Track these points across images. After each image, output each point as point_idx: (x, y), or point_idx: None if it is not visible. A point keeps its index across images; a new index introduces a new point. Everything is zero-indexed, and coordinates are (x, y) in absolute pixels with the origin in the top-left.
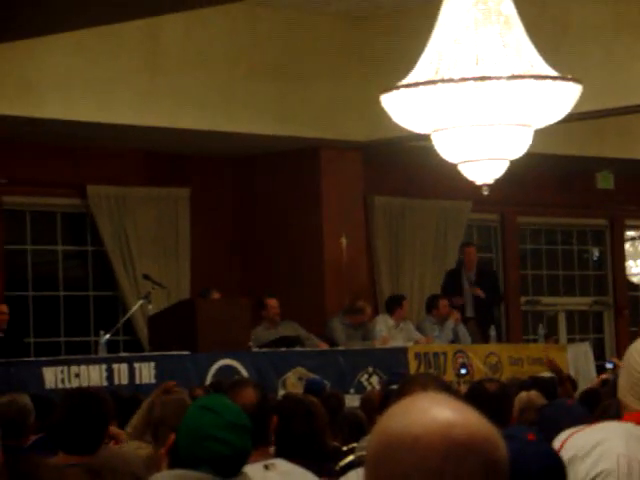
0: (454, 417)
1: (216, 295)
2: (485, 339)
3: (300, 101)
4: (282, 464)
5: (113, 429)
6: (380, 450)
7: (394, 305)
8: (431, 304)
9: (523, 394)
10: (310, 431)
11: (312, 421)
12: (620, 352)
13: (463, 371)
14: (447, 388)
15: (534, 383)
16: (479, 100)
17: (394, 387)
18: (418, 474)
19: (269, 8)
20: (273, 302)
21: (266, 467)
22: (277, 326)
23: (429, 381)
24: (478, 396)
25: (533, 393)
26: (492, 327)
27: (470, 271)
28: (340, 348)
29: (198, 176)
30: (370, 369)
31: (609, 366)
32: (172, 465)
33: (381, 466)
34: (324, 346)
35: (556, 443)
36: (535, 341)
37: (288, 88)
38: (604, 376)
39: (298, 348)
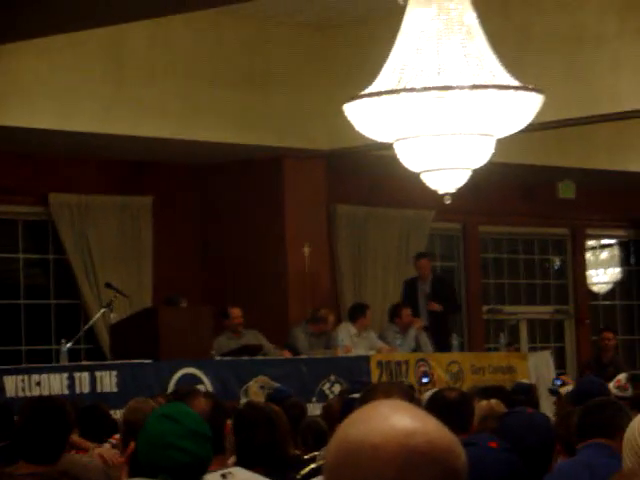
0: (413, 425)
1: (184, 303)
2: (440, 349)
3: (263, 110)
4: (240, 472)
5: (75, 438)
6: (339, 458)
7: (357, 314)
8: (394, 313)
9: (484, 402)
10: (272, 439)
11: (274, 430)
12: (580, 360)
13: (425, 380)
14: (411, 395)
15: (495, 391)
16: (441, 109)
17: (355, 396)
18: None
19: (233, 17)
20: (236, 311)
21: (223, 476)
22: (240, 335)
23: (392, 389)
24: (438, 404)
25: (494, 401)
26: (454, 336)
27: (424, 282)
28: (302, 357)
29: (161, 184)
30: (332, 378)
31: (557, 383)
32: (132, 473)
33: (340, 474)
34: (287, 355)
35: None
36: (497, 350)
37: (251, 97)
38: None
39: (260, 357)
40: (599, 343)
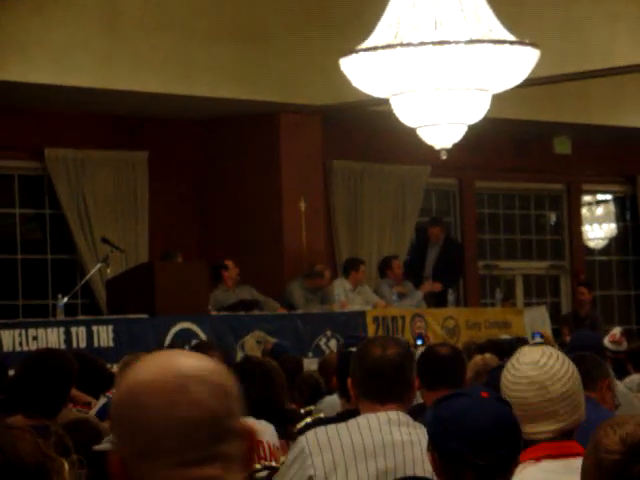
0: (182, 360)
1: (180, 259)
2: (436, 304)
3: (260, 65)
4: None
5: (74, 392)
6: (121, 402)
7: (350, 269)
8: (384, 266)
9: (478, 357)
10: (268, 393)
11: (270, 384)
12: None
13: (419, 342)
14: (406, 349)
15: (490, 346)
16: (438, 64)
17: (352, 349)
18: (154, 412)
19: None
20: (232, 263)
21: None
22: (235, 289)
23: (389, 341)
24: (430, 360)
25: (488, 356)
26: (450, 291)
27: (433, 247)
28: (299, 312)
29: (156, 139)
30: (328, 333)
31: (537, 338)
32: None
33: (124, 415)
34: (282, 310)
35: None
36: (492, 305)
37: (248, 52)
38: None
39: (257, 312)
40: (576, 298)
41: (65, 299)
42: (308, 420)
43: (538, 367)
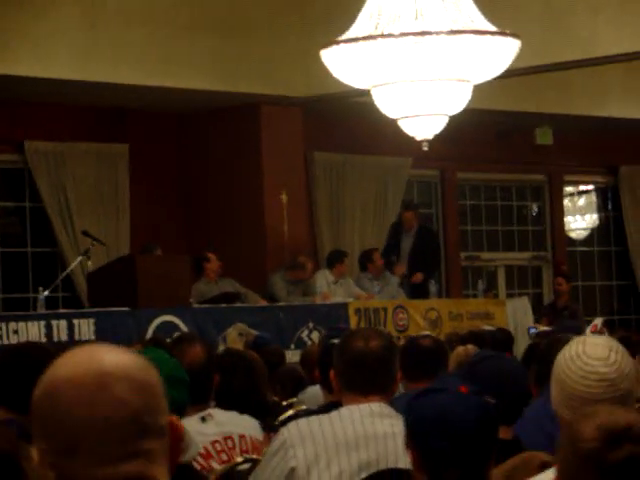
0: (103, 355)
1: (159, 252)
2: (423, 295)
3: (240, 56)
4: (218, 414)
5: None
6: (41, 398)
7: (334, 261)
8: (365, 259)
9: (460, 348)
10: (250, 386)
11: (252, 376)
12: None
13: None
14: (389, 340)
15: (472, 337)
16: (419, 55)
17: (334, 341)
18: (75, 410)
19: None
20: (214, 256)
21: (203, 419)
22: (217, 282)
23: (371, 333)
24: (412, 352)
25: (470, 347)
26: (432, 282)
27: (408, 233)
28: (280, 304)
29: (138, 132)
30: (310, 325)
31: (532, 331)
32: None
33: (43, 412)
34: (263, 302)
35: None
36: (475, 296)
37: (228, 44)
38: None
39: (239, 304)
40: (554, 288)
41: (46, 292)
42: (291, 412)
43: (609, 364)
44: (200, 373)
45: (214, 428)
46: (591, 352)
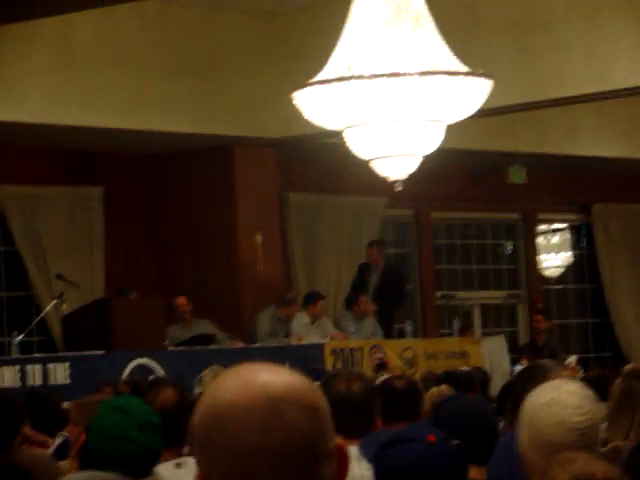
0: (267, 376)
1: (135, 294)
2: (387, 336)
3: (213, 98)
4: (193, 461)
5: (27, 430)
6: (205, 426)
7: (307, 302)
8: (351, 300)
9: (434, 389)
10: None
11: None
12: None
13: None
14: (371, 383)
15: (447, 378)
16: (391, 96)
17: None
18: (245, 437)
19: (180, 5)
20: (181, 300)
21: (177, 465)
22: (191, 324)
23: (353, 377)
24: (387, 393)
25: (444, 387)
26: (408, 322)
27: (375, 271)
28: (256, 345)
29: (111, 174)
30: (287, 366)
31: (517, 368)
32: (83, 466)
33: (208, 439)
34: (239, 343)
35: None
36: (450, 335)
37: (201, 85)
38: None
39: (214, 346)
40: (533, 326)
41: (20, 336)
42: None
43: (583, 413)
44: (172, 416)
45: (189, 475)
46: (566, 400)
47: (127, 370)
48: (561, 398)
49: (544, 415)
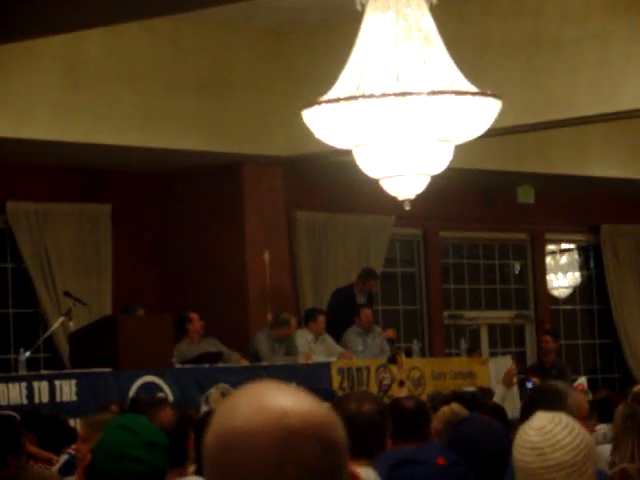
0: (285, 405)
1: (141, 312)
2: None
3: (222, 116)
4: None
5: (33, 448)
6: (217, 449)
7: (308, 319)
8: (354, 315)
9: (445, 408)
10: None
11: None
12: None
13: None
14: (382, 406)
15: (454, 398)
16: (400, 116)
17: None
18: (258, 468)
19: (190, 23)
20: (197, 316)
21: None
22: (200, 342)
23: (364, 397)
24: (396, 414)
25: (455, 406)
26: (415, 342)
27: (361, 294)
28: (263, 364)
29: (119, 192)
30: (294, 385)
31: (529, 385)
32: None
33: (220, 465)
34: (245, 362)
35: None
36: (457, 355)
37: (210, 103)
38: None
39: (221, 364)
40: (541, 347)
41: (27, 353)
42: None
43: (542, 433)
44: (171, 436)
45: None
46: (533, 423)
47: (134, 387)
48: (531, 422)
49: (516, 440)
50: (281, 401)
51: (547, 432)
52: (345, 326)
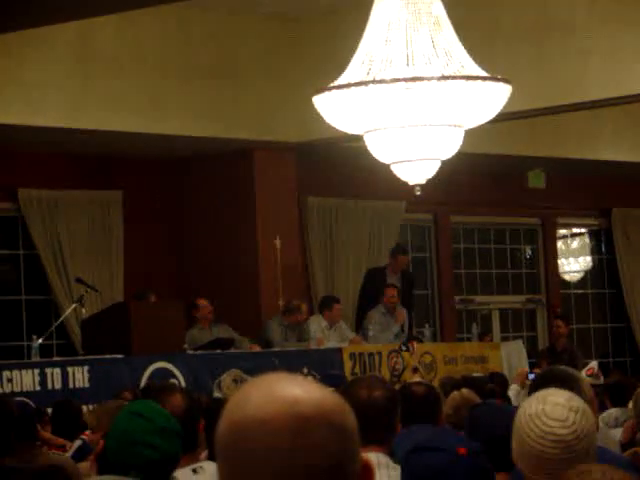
0: (296, 393)
1: (153, 298)
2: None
3: (233, 102)
4: (211, 466)
5: (46, 434)
6: (229, 439)
7: (323, 307)
8: (378, 295)
9: (455, 393)
10: None
11: None
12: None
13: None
14: (391, 389)
15: (464, 383)
16: (410, 101)
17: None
18: (271, 456)
19: (200, 10)
20: (204, 302)
21: (194, 471)
22: (211, 328)
23: (375, 383)
24: (407, 399)
25: (465, 391)
26: (426, 326)
27: (393, 276)
28: (275, 349)
29: (131, 179)
30: (305, 370)
31: (531, 377)
32: (101, 471)
33: (233, 454)
34: (256, 348)
35: None
36: (469, 340)
37: (221, 89)
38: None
39: (233, 350)
40: (552, 331)
41: (40, 340)
42: None
43: (567, 426)
44: (181, 422)
45: None
46: (550, 412)
47: (146, 373)
48: (546, 410)
49: (529, 427)
50: (293, 390)
51: (572, 424)
52: (374, 306)
